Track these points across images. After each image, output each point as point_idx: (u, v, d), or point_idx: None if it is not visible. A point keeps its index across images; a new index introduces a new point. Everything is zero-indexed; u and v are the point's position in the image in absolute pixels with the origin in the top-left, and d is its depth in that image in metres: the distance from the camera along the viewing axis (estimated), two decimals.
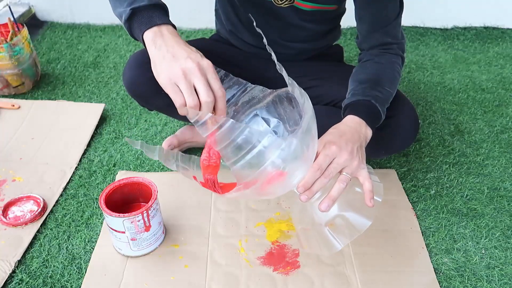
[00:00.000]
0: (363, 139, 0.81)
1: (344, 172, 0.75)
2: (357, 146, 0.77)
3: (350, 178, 0.75)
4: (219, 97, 0.70)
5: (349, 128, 0.80)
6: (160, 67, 0.71)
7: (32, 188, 1.09)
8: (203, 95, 0.69)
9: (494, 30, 1.86)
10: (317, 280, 0.90)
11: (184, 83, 0.69)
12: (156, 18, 0.74)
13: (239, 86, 0.84)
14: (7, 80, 1.40)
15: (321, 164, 0.73)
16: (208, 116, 0.66)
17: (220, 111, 0.71)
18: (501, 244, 0.99)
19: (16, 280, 0.89)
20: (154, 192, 0.90)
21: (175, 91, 0.69)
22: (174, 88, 0.69)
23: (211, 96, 0.69)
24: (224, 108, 0.72)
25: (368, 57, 0.95)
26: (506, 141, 1.28)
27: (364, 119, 0.82)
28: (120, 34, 1.81)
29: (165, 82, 0.70)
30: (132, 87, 0.99)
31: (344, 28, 1.61)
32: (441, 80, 1.57)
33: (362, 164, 0.76)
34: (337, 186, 0.74)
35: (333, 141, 0.75)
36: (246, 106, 0.85)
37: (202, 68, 0.70)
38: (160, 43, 0.72)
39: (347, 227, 0.79)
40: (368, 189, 0.75)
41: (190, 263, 0.92)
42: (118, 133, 1.28)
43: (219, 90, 0.70)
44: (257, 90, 0.84)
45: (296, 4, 0.97)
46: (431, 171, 1.18)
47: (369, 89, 0.87)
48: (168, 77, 0.70)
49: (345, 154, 0.74)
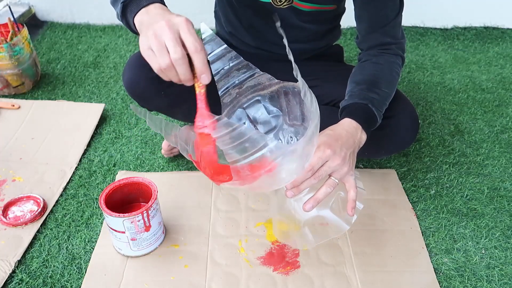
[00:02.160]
0: (357, 144, 0.82)
1: (333, 177, 0.76)
2: (350, 152, 0.78)
3: (337, 183, 0.77)
4: (192, 52, 0.64)
5: (345, 133, 0.80)
6: (139, 40, 0.68)
7: (32, 188, 1.09)
8: (171, 51, 0.63)
9: (494, 30, 1.86)
10: (317, 280, 0.90)
11: (155, 44, 0.64)
12: (144, 1, 0.72)
13: (247, 71, 0.81)
14: (7, 80, 1.40)
15: (314, 165, 0.74)
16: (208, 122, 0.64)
17: (197, 68, 0.65)
18: (501, 244, 0.99)
19: (16, 280, 0.89)
20: (154, 192, 0.90)
21: (149, 56, 0.65)
22: (149, 53, 0.65)
23: (179, 52, 0.63)
24: (201, 65, 0.65)
25: (367, 57, 0.95)
26: (506, 141, 1.28)
27: (361, 123, 0.83)
28: (120, 34, 1.81)
29: (142, 50, 0.66)
30: (132, 87, 0.99)
31: (344, 28, 1.61)
32: (441, 80, 1.57)
33: (351, 170, 0.78)
34: (323, 189, 0.76)
35: (329, 143, 0.76)
36: (250, 91, 0.84)
37: (172, 25, 0.64)
38: (145, 19, 0.70)
39: (325, 228, 0.83)
40: (352, 198, 0.77)
41: (190, 263, 0.92)
42: (118, 133, 1.28)
43: (191, 45, 0.64)
44: (265, 77, 0.83)
45: (295, 5, 0.97)
46: (431, 171, 1.18)
47: (367, 91, 0.87)
48: (143, 43, 0.66)
49: (338, 159, 0.75)
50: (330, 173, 0.76)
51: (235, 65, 0.81)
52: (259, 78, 0.83)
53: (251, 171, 0.67)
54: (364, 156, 1.17)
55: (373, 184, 1.12)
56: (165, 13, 0.69)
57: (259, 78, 0.83)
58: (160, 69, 0.66)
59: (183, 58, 0.64)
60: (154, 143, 1.25)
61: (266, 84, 0.84)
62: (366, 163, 1.19)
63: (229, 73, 0.81)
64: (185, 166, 1.17)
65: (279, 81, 0.83)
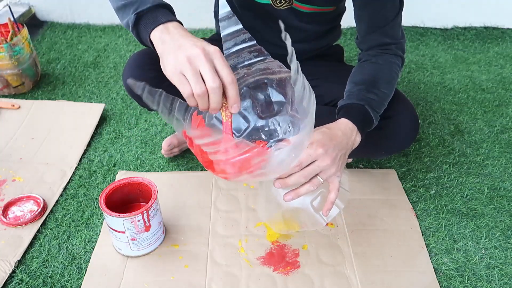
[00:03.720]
0: (350, 146, 0.82)
1: (319, 176, 0.77)
2: (341, 154, 0.79)
3: (321, 183, 0.77)
4: (228, 83, 0.66)
5: (341, 133, 0.81)
6: (166, 60, 0.69)
7: (32, 188, 1.09)
8: (208, 80, 0.65)
9: (494, 30, 1.86)
10: (317, 280, 0.90)
11: (189, 70, 0.65)
12: (161, 17, 0.73)
13: (259, 55, 0.80)
14: (7, 80, 1.40)
15: (302, 162, 0.75)
16: None
17: (231, 99, 0.67)
18: (501, 244, 0.99)
19: (16, 280, 0.89)
20: (154, 192, 0.90)
21: (181, 81, 0.66)
22: (180, 77, 0.66)
23: (217, 81, 0.65)
24: (235, 96, 0.67)
25: (366, 57, 0.95)
26: (506, 141, 1.28)
27: (357, 125, 0.83)
28: (120, 34, 1.81)
29: (171, 73, 0.67)
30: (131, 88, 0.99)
31: (344, 28, 1.60)
32: (441, 80, 1.57)
33: (339, 172, 0.79)
34: (306, 186, 0.77)
35: (322, 143, 0.76)
36: (259, 73, 0.82)
37: (208, 54, 0.66)
38: (167, 38, 0.70)
39: (302, 220, 0.88)
40: (331, 201, 0.79)
41: (190, 263, 0.92)
42: (118, 133, 1.28)
43: (228, 76, 0.66)
44: (276, 64, 0.81)
45: (294, 6, 0.97)
46: (431, 171, 1.18)
47: (365, 92, 0.87)
48: (173, 67, 0.67)
49: (328, 160, 0.76)
50: (318, 172, 0.77)
51: (248, 47, 0.80)
52: (270, 63, 0.82)
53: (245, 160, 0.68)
54: (364, 156, 1.17)
55: (373, 184, 1.12)
56: (189, 36, 0.70)
57: (269, 64, 0.82)
58: (192, 95, 0.66)
59: (220, 88, 0.65)
60: (154, 143, 1.25)
61: (275, 70, 0.82)
62: (366, 163, 1.19)
63: (240, 53, 0.79)
64: (185, 166, 1.17)
65: (288, 70, 0.81)
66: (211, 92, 0.65)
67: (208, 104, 0.67)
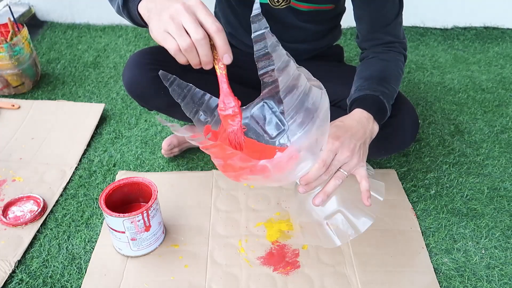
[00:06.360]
0: (369, 135, 0.80)
1: (342, 169, 0.75)
2: (360, 143, 0.77)
3: (346, 175, 0.75)
4: (214, 32, 0.64)
5: (356, 123, 0.79)
6: (152, 25, 0.67)
7: (32, 188, 1.09)
8: (192, 32, 0.63)
9: (494, 30, 1.86)
10: (317, 280, 0.90)
11: (172, 26, 0.63)
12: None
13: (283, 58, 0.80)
14: (7, 80, 1.40)
15: (326, 160, 0.72)
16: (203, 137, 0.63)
17: (220, 48, 0.65)
18: (501, 244, 0.99)
19: (16, 280, 0.89)
20: (154, 192, 0.90)
21: (165, 38, 0.64)
22: (165, 35, 0.64)
23: (201, 32, 0.63)
24: (224, 45, 0.65)
25: (373, 54, 0.95)
26: (506, 141, 1.28)
27: (373, 114, 0.82)
28: (120, 34, 1.81)
29: (156, 33, 0.66)
30: (131, 87, 0.99)
31: (344, 28, 1.60)
32: (441, 80, 1.57)
33: (362, 162, 0.76)
34: (332, 182, 0.74)
35: (337, 135, 0.74)
36: None
37: (188, 7, 0.64)
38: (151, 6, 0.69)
39: (347, 224, 0.79)
40: (365, 188, 0.75)
41: (190, 263, 0.92)
42: (118, 133, 1.28)
43: (212, 25, 0.63)
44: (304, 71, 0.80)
45: (292, 5, 0.97)
46: (431, 171, 1.18)
47: (376, 85, 0.87)
48: (158, 27, 0.65)
49: (346, 151, 0.74)
50: (340, 167, 0.74)
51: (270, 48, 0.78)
52: (299, 69, 0.81)
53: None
54: None
55: None
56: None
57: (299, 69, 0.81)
58: (179, 50, 0.64)
59: (205, 39, 0.63)
60: (154, 143, 1.25)
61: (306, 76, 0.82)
62: (366, 163, 1.19)
63: (270, 56, 0.77)
64: (185, 166, 1.17)
65: (316, 79, 0.80)
66: (197, 44, 0.63)
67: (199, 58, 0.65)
